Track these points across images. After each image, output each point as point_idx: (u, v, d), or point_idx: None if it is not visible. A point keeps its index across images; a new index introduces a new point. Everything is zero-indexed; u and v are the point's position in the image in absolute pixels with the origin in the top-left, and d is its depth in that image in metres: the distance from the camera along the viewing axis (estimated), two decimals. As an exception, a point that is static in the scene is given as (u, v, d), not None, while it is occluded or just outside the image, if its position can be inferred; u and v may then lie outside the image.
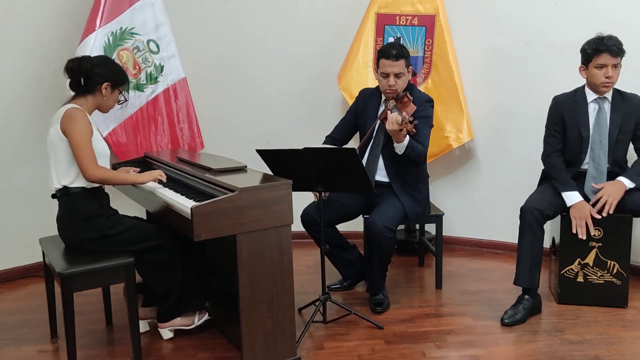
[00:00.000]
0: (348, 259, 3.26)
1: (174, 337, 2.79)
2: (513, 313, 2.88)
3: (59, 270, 2.39)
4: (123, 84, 2.74)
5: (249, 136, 4.10)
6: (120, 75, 2.72)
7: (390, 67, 2.99)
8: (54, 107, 3.59)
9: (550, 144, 3.06)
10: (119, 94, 2.74)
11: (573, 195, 2.93)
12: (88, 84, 2.63)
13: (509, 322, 2.85)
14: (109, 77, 2.65)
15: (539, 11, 3.60)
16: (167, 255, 2.63)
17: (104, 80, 2.63)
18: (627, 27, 3.19)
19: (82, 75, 2.62)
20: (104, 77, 2.63)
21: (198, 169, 2.75)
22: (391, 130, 2.79)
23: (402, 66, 3.00)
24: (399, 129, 2.76)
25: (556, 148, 3.04)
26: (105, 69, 2.65)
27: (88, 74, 2.61)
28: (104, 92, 2.64)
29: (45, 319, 2.89)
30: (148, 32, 3.65)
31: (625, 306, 2.99)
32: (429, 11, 3.71)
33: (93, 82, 2.62)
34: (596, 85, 2.94)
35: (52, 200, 2.63)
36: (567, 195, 2.94)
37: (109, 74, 2.65)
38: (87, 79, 2.62)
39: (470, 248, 4.04)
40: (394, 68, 2.99)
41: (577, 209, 2.91)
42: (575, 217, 2.91)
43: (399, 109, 2.90)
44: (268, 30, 4.05)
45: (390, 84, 3.00)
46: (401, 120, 2.74)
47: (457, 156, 3.89)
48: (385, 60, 3.01)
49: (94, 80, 2.62)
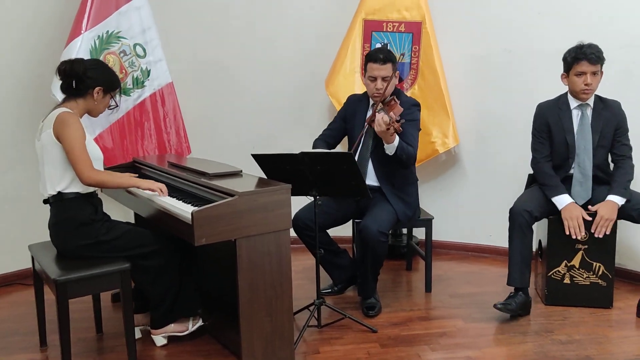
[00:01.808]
0: (339, 264, 3.27)
1: (168, 343, 2.76)
2: (506, 302, 2.94)
3: (54, 276, 2.34)
4: (115, 89, 2.70)
5: (235, 141, 4.09)
6: (112, 81, 2.68)
7: (377, 70, 3.03)
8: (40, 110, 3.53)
9: (539, 150, 3.13)
10: (111, 99, 2.69)
11: (563, 199, 2.99)
12: (79, 87, 2.58)
13: (501, 307, 2.90)
14: (102, 81, 2.61)
15: (521, 20, 3.69)
16: (163, 261, 2.60)
17: (96, 85, 2.59)
18: (607, 35, 3.29)
19: (74, 78, 2.57)
20: (96, 81, 2.59)
21: (193, 173, 2.73)
22: (379, 131, 2.83)
23: (389, 70, 3.04)
24: (386, 129, 2.79)
25: (545, 154, 3.11)
26: (98, 73, 2.61)
27: (80, 77, 2.56)
28: (96, 96, 2.60)
29: (33, 328, 2.82)
30: (134, 36, 3.61)
31: (611, 307, 3.07)
32: (415, 18, 3.76)
33: (85, 86, 2.58)
34: (576, 93, 3.03)
35: (36, 206, 2.57)
36: (557, 200, 3.01)
37: (101, 79, 2.61)
38: (79, 82, 2.57)
39: (456, 252, 4.09)
40: (381, 72, 3.03)
41: (569, 210, 2.97)
42: (567, 219, 2.97)
43: (386, 110, 2.95)
44: (255, 35, 4.05)
45: (377, 87, 3.04)
46: (388, 120, 2.77)
47: (443, 161, 3.95)
48: (372, 64, 3.04)
49: (85, 83, 2.57)
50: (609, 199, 2.96)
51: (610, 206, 2.94)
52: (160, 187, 2.61)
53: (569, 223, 2.96)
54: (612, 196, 2.96)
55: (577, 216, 2.94)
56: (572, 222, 2.95)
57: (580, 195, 3.02)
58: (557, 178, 3.05)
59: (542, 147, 3.12)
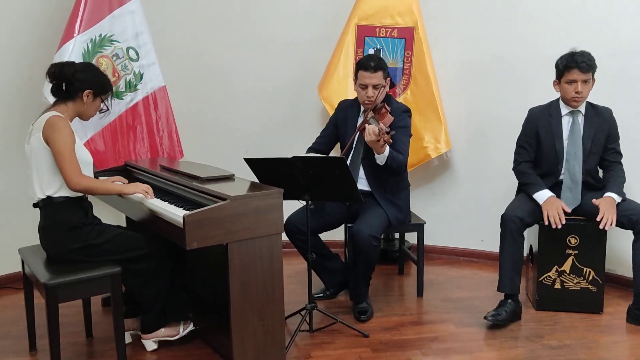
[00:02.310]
0: (331, 268, 3.27)
1: (158, 348, 2.74)
2: (496, 313, 2.95)
3: (44, 280, 2.33)
4: (106, 92, 2.67)
5: (229, 145, 4.08)
6: (103, 84, 2.65)
7: (368, 78, 3.03)
8: (30, 113, 3.51)
9: (521, 154, 3.17)
10: (101, 102, 2.67)
11: (543, 193, 3.03)
12: (69, 89, 2.56)
13: (491, 319, 2.91)
14: (92, 84, 2.59)
15: (513, 26, 3.72)
16: (153, 265, 2.59)
17: (86, 87, 2.57)
18: (598, 42, 3.31)
19: (63, 81, 2.56)
20: (86, 84, 2.57)
21: (185, 177, 2.72)
22: (369, 141, 2.83)
23: (380, 78, 3.04)
24: (376, 140, 2.79)
25: (526, 159, 3.15)
26: (88, 76, 2.59)
27: (70, 80, 2.55)
28: (85, 99, 2.58)
29: (22, 332, 2.81)
30: (128, 40, 3.60)
31: (601, 312, 3.09)
32: (408, 24, 3.78)
33: (74, 89, 2.56)
34: (567, 100, 3.05)
35: (26, 209, 2.55)
36: (538, 195, 3.04)
37: (91, 81, 2.59)
38: (68, 84, 2.56)
39: (447, 256, 4.10)
40: (372, 80, 3.03)
41: (549, 202, 3.00)
42: (547, 210, 2.98)
43: (376, 120, 2.95)
44: (249, 39, 4.06)
45: (368, 95, 3.04)
46: (378, 131, 2.78)
47: (435, 166, 3.96)
48: (363, 72, 3.04)
49: (75, 86, 2.55)
50: (607, 195, 2.98)
51: (610, 201, 2.96)
52: (146, 190, 2.60)
53: (549, 212, 2.96)
54: (610, 193, 2.99)
55: (557, 207, 2.97)
56: (552, 211, 2.96)
57: (570, 201, 3.04)
58: (536, 176, 3.09)
59: (524, 152, 3.15)
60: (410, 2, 3.76)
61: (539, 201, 3.03)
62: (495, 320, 2.91)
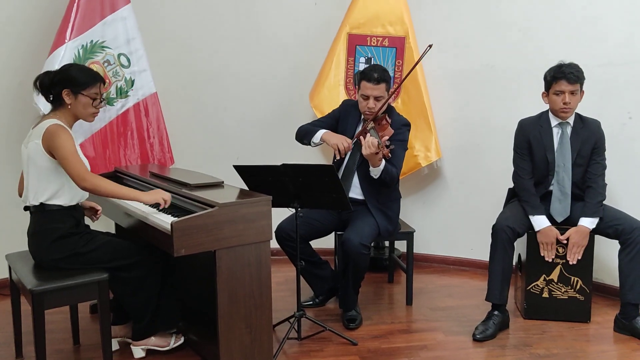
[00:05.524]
0: (321, 276, 3.27)
1: (145, 356, 2.73)
2: (484, 329, 2.95)
3: (30, 287, 2.31)
4: (83, 85, 2.50)
5: (220, 152, 4.09)
6: (76, 79, 2.50)
7: (371, 90, 3.03)
8: (20, 118, 3.53)
9: (522, 167, 3.14)
10: (87, 97, 2.52)
11: (541, 220, 3.03)
12: (54, 97, 2.54)
13: (480, 337, 2.92)
14: (65, 83, 2.50)
15: (503, 36, 3.75)
16: (142, 273, 2.57)
17: (62, 88, 2.50)
18: (587, 54, 3.35)
19: (46, 91, 2.54)
20: (61, 85, 2.50)
21: (174, 184, 2.72)
22: (367, 154, 2.83)
23: (382, 90, 3.04)
24: (375, 152, 2.80)
25: (528, 171, 3.13)
26: (63, 76, 2.51)
27: (49, 88, 2.52)
28: (67, 99, 2.50)
29: (8, 339, 2.79)
30: (119, 46, 3.60)
31: (588, 321, 3.10)
32: (399, 33, 3.81)
33: (56, 94, 2.52)
34: (556, 111, 3.06)
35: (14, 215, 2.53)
36: (535, 220, 3.05)
37: (65, 80, 2.50)
38: (49, 93, 2.54)
39: (437, 265, 4.11)
40: (375, 91, 3.03)
41: (544, 234, 3.02)
42: (542, 242, 3.04)
43: (376, 131, 2.94)
44: (240, 47, 4.07)
45: (369, 106, 3.04)
46: (377, 144, 2.78)
47: (425, 175, 3.98)
48: (366, 83, 3.04)
49: (56, 91, 2.51)
50: (580, 225, 3.01)
51: (582, 231, 2.99)
52: (165, 199, 2.48)
53: (544, 247, 3.04)
54: (583, 220, 3.01)
55: (552, 241, 3.02)
56: (547, 246, 3.03)
57: (560, 213, 3.06)
58: (537, 197, 3.09)
59: (524, 163, 3.14)
60: (401, 12, 3.79)
61: (535, 227, 3.05)
62: (484, 337, 2.92)
